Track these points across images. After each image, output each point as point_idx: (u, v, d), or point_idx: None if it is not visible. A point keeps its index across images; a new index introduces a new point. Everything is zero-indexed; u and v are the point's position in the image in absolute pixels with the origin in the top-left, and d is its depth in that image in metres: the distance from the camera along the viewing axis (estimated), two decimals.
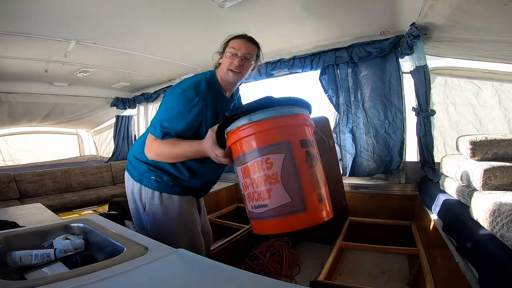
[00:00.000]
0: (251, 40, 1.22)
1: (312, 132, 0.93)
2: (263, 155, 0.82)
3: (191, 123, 1.10)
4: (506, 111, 2.02)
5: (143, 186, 1.22)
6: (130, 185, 1.27)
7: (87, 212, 3.14)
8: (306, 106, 0.95)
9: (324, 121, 1.93)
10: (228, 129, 0.91)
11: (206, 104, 1.11)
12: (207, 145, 0.99)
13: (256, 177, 0.83)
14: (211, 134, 0.99)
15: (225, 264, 0.69)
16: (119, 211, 2.16)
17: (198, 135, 1.12)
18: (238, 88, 1.36)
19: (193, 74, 3.87)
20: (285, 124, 0.85)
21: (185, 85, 1.11)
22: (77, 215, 3.01)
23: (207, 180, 1.31)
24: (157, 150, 1.12)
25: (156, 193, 1.21)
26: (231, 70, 1.16)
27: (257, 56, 1.23)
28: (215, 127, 0.99)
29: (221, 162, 0.97)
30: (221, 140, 0.97)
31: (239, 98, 1.40)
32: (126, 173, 1.31)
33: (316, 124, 1.98)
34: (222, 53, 1.21)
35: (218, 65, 1.23)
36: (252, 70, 1.23)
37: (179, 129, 1.09)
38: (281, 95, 0.89)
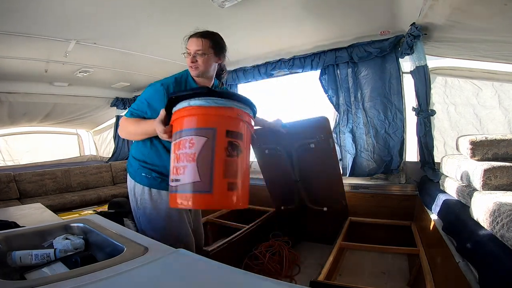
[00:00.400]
0: (201, 36, 1.32)
1: (247, 128, 1.01)
2: (190, 135, 0.92)
3: (154, 106, 1.24)
4: (506, 111, 2.02)
5: (136, 183, 1.33)
6: (129, 183, 1.38)
7: (87, 212, 3.14)
8: (248, 104, 1.04)
9: (323, 121, 1.93)
10: (174, 109, 1.02)
11: (169, 92, 1.25)
12: (155, 121, 1.09)
13: (179, 153, 0.93)
14: (161, 112, 1.09)
15: (225, 264, 0.69)
16: (118, 210, 2.17)
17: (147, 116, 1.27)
18: (221, 83, 1.55)
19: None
20: (216, 113, 0.94)
21: (161, 81, 1.29)
22: (77, 215, 3.01)
23: None
24: (123, 126, 1.30)
25: (146, 188, 1.31)
26: (191, 67, 1.33)
27: (212, 47, 1.33)
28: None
29: (162, 137, 1.08)
30: (169, 118, 1.08)
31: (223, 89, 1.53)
32: (128, 173, 1.41)
33: (315, 124, 1.97)
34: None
35: None
36: (215, 61, 1.38)
37: (144, 111, 1.26)
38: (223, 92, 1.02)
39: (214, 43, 1.34)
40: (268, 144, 2.21)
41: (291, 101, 3.46)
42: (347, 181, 2.62)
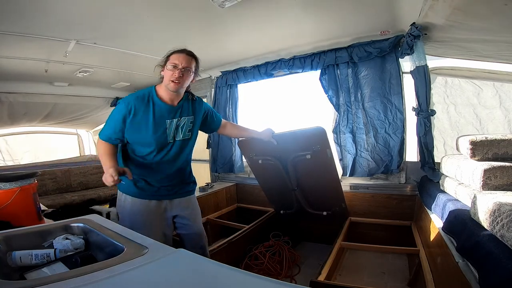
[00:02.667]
0: (190, 54, 1.39)
1: None
2: None
3: (117, 125, 1.35)
4: (507, 111, 2.02)
5: (118, 188, 1.50)
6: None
7: None
8: None
9: (320, 132, 1.86)
10: None
11: (133, 114, 1.34)
12: (109, 169, 1.24)
13: None
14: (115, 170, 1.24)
15: (225, 264, 0.69)
16: None
17: (136, 136, 1.38)
18: (190, 93, 1.56)
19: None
20: None
21: (120, 101, 1.39)
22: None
23: (167, 177, 1.47)
24: (97, 147, 1.42)
25: (120, 193, 1.47)
26: (172, 81, 1.35)
27: (196, 68, 1.42)
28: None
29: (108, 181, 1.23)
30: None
31: (199, 102, 1.58)
32: None
33: (311, 135, 1.93)
34: (163, 66, 1.41)
35: (161, 80, 1.44)
36: (191, 81, 1.44)
37: (108, 132, 1.37)
38: None
39: (197, 65, 1.43)
40: (260, 155, 2.16)
41: (290, 101, 3.46)
42: (347, 181, 2.62)
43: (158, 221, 1.47)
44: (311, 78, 2.82)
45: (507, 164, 1.28)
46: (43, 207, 1.57)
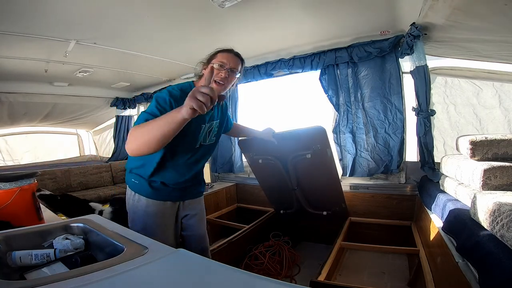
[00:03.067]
0: (237, 55, 1.28)
1: None
2: None
3: (163, 113, 1.08)
4: (507, 111, 2.02)
5: (128, 187, 1.37)
6: (127, 189, 1.39)
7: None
8: None
9: (320, 131, 1.85)
10: None
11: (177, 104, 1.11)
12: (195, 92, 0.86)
13: None
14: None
15: (225, 264, 0.69)
16: (122, 206, 2.17)
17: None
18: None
19: (193, 74, 3.88)
20: None
21: (162, 91, 1.18)
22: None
23: (184, 180, 1.36)
24: (135, 135, 0.98)
25: (131, 192, 1.34)
26: (216, 81, 1.21)
27: (240, 72, 1.29)
28: None
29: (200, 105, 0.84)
30: None
31: (225, 107, 1.48)
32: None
33: (311, 134, 1.92)
34: (207, 63, 1.27)
35: (200, 76, 1.31)
36: (232, 85, 1.31)
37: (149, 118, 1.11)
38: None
39: (242, 68, 1.30)
40: (261, 154, 2.16)
41: (290, 101, 3.46)
42: (347, 181, 2.62)
43: (173, 223, 1.41)
44: (311, 78, 2.82)
45: (507, 164, 1.28)
46: (43, 207, 1.56)
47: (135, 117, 4.94)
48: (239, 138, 2.22)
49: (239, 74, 1.28)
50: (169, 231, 1.39)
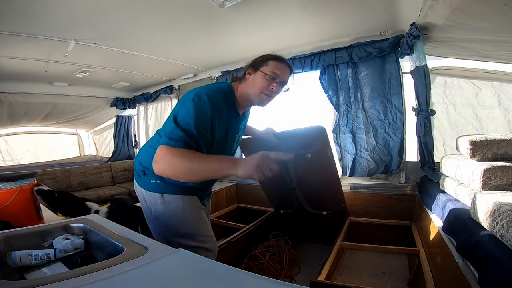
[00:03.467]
0: (290, 67, 1.16)
1: None
2: None
3: (203, 134, 0.99)
4: (506, 111, 2.02)
5: (148, 192, 1.18)
6: (140, 193, 1.23)
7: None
8: None
9: (320, 131, 1.83)
10: None
11: (219, 117, 1.04)
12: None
13: None
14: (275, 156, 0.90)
15: (225, 264, 0.69)
16: (118, 206, 2.16)
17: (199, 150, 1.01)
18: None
19: (193, 74, 3.88)
20: None
21: (201, 94, 1.02)
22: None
23: (204, 184, 1.29)
24: (175, 160, 0.90)
25: (157, 195, 1.16)
26: (265, 93, 1.10)
27: (287, 84, 1.18)
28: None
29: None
30: None
31: (247, 116, 1.38)
32: (135, 183, 1.26)
33: (311, 134, 1.91)
34: (254, 69, 1.12)
35: (240, 79, 1.16)
36: None
37: (194, 140, 0.97)
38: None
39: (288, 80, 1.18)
40: None
41: (290, 101, 3.45)
42: (347, 181, 2.62)
43: (205, 215, 1.29)
44: (311, 78, 2.82)
45: (507, 164, 1.28)
46: (43, 207, 1.56)
47: (135, 117, 4.94)
48: None
49: (287, 87, 1.16)
50: (209, 226, 1.27)
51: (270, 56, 1.13)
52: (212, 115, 1.01)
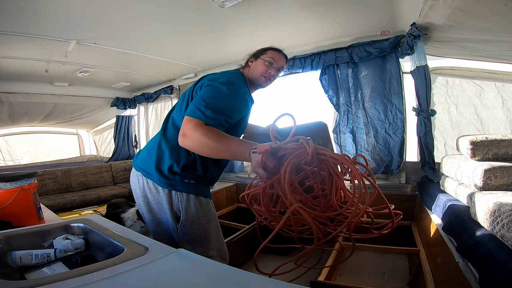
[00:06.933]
0: (285, 57, 1.33)
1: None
2: None
3: (231, 116, 1.05)
4: (509, 111, 2.02)
5: (177, 192, 1.10)
6: (163, 194, 1.11)
7: (87, 212, 3.14)
8: None
9: (322, 126, 1.83)
10: None
11: (246, 100, 1.14)
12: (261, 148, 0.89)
13: None
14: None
15: (225, 264, 0.69)
16: (116, 212, 2.16)
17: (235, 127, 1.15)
18: None
19: (193, 74, 3.87)
20: None
21: (236, 80, 1.12)
22: (77, 215, 3.01)
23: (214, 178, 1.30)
24: (206, 138, 0.92)
25: (191, 197, 1.10)
26: (264, 76, 1.25)
27: (283, 70, 1.35)
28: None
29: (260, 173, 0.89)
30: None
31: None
32: (152, 183, 1.13)
33: (313, 130, 1.91)
34: (255, 57, 1.29)
35: (244, 67, 1.31)
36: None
37: (229, 123, 1.04)
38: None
39: (285, 67, 1.36)
40: None
41: (290, 101, 3.46)
42: (347, 181, 2.62)
43: None
44: (311, 78, 2.82)
45: (507, 164, 1.28)
46: (43, 207, 1.56)
47: (135, 117, 4.95)
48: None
49: (282, 73, 1.37)
50: None
51: (268, 47, 1.30)
52: (242, 98, 1.10)
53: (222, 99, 1.03)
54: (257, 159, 0.86)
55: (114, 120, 4.98)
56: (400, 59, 2.34)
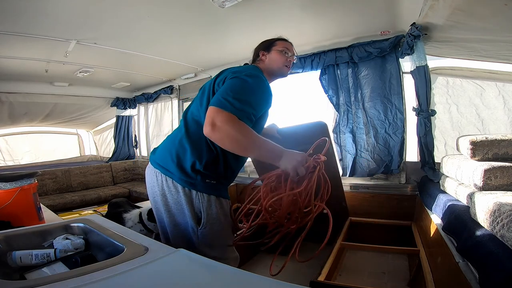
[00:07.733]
0: (291, 43, 1.37)
1: None
2: None
3: (258, 110, 1.04)
4: (510, 111, 2.01)
5: (195, 192, 1.06)
6: (183, 194, 1.06)
7: (87, 212, 3.14)
8: None
9: (322, 126, 1.81)
10: None
11: (271, 95, 1.13)
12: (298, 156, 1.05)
13: None
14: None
15: (225, 264, 0.69)
16: (117, 211, 2.16)
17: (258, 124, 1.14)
18: None
19: (193, 74, 3.87)
20: None
21: (260, 74, 1.11)
22: (77, 215, 3.01)
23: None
24: (236, 134, 0.92)
25: (211, 198, 1.08)
26: (286, 66, 1.27)
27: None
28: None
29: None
30: None
31: None
32: (170, 181, 1.08)
33: (313, 130, 1.91)
34: (267, 50, 1.28)
35: (255, 62, 1.31)
36: None
37: (255, 117, 1.02)
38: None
39: None
40: None
41: (290, 101, 3.46)
42: (347, 181, 2.62)
43: None
44: (311, 78, 2.82)
45: (507, 164, 1.28)
46: (43, 207, 1.57)
47: (135, 117, 4.95)
48: None
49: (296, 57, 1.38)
50: None
51: (276, 38, 1.33)
52: (267, 91, 1.09)
53: (250, 90, 1.01)
54: (305, 163, 1.07)
55: (114, 120, 4.98)
56: (400, 59, 2.34)
